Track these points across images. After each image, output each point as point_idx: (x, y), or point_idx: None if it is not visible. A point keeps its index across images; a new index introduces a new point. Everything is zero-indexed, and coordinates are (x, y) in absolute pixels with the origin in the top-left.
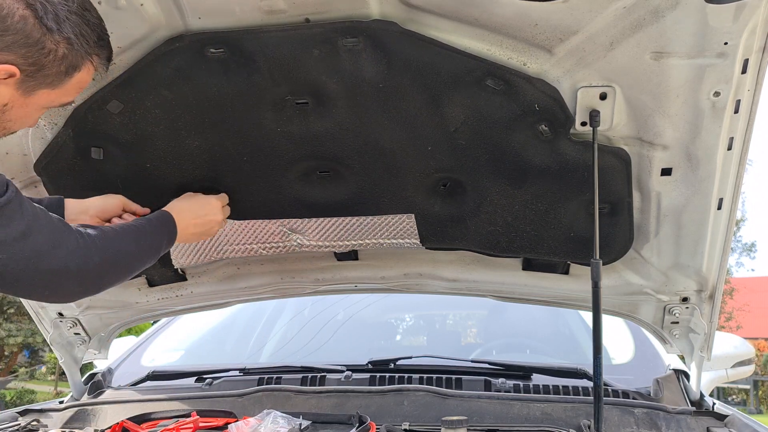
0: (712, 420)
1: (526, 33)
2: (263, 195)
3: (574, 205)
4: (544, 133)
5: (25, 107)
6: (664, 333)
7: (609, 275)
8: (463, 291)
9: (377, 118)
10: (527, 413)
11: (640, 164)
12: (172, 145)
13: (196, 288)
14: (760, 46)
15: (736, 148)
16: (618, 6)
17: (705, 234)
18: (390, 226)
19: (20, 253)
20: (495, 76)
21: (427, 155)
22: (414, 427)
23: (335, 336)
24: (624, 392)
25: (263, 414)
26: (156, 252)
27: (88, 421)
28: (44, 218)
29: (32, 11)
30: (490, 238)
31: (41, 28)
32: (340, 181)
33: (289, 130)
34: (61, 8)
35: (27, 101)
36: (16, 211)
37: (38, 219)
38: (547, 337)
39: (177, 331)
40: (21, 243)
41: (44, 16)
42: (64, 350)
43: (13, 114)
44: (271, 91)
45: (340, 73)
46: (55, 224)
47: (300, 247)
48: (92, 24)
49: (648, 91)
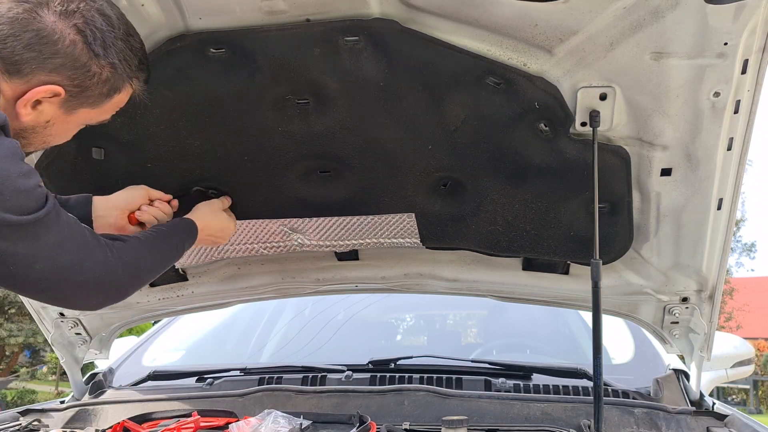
0: (712, 420)
1: (526, 33)
2: (264, 194)
3: (574, 205)
4: (544, 132)
5: (66, 124)
6: (664, 333)
7: (609, 275)
8: (464, 291)
9: (378, 117)
10: (527, 413)
11: (640, 164)
12: (173, 144)
13: (197, 288)
14: (759, 46)
15: (735, 149)
16: (618, 6)
17: (705, 234)
18: (390, 226)
19: (55, 263)
20: (495, 75)
21: (427, 154)
22: (414, 427)
23: (336, 336)
24: (624, 392)
25: (264, 414)
26: (175, 260)
27: (89, 421)
28: (77, 230)
29: (82, 37)
30: (491, 238)
31: (89, 53)
32: (340, 181)
33: (290, 130)
34: (109, 35)
35: (68, 119)
36: (53, 222)
37: (72, 230)
38: (547, 337)
39: (178, 331)
40: (56, 254)
41: (93, 42)
42: (65, 350)
43: (54, 130)
44: (272, 90)
45: (340, 72)
46: (86, 236)
47: (301, 247)
48: (135, 49)
49: (648, 91)
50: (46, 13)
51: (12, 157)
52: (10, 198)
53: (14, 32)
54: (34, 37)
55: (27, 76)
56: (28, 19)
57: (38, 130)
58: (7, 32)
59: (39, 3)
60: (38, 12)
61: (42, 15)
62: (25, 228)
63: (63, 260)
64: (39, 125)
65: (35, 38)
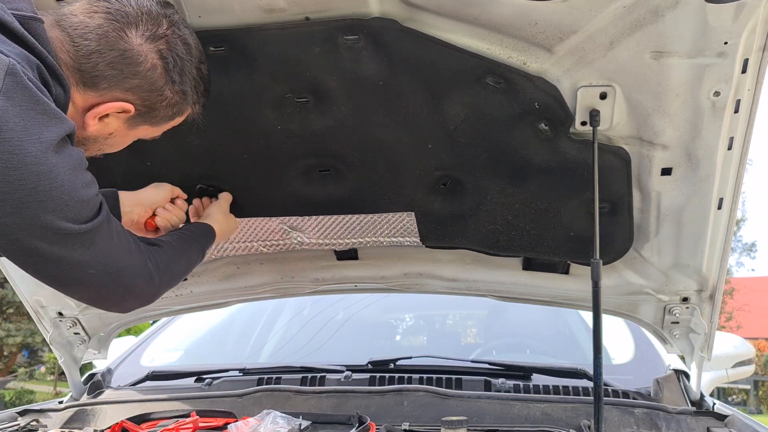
0: (713, 420)
1: (525, 32)
2: (263, 193)
3: (574, 204)
4: (544, 131)
5: (125, 137)
6: (664, 333)
7: (609, 275)
8: (463, 291)
9: (377, 116)
10: (527, 413)
11: (640, 164)
12: (173, 143)
13: (196, 287)
14: (760, 45)
15: (736, 148)
16: (618, 5)
17: (705, 234)
18: (390, 224)
19: (105, 269)
20: (495, 74)
21: (427, 153)
22: (414, 428)
23: (335, 336)
24: (624, 392)
25: (263, 414)
26: (198, 263)
27: (88, 421)
28: (124, 236)
29: (163, 62)
30: (490, 237)
31: (166, 78)
32: (340, 179)
33: (290, 128)
34: (187, 63)
35: (128, 133)
36: (105, 229)
37: (120, 237)
38: (547, 337)
39: (176, 331)
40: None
41: (172, 70)
42: (63, 350)
43: (112, 141)
44: (272, 89)
45: (340, 70)
46: (131, 243)
47: (300, 245)
48: (204, 77)
49: (648, 90)
50: (133, 35)
51: (79, 167)
52: (74, 208)
53: (100, 49)
54: (119, 56)
55: (102, 91)
56: (115, 38)
57: (99, 140)
58: (93, 48)
59: (128, 23)
60: (126, 32)
61: (130, 36)
62: (82, 236)
63: (113, 266)
64: (101, 136)
65: (119, 58)
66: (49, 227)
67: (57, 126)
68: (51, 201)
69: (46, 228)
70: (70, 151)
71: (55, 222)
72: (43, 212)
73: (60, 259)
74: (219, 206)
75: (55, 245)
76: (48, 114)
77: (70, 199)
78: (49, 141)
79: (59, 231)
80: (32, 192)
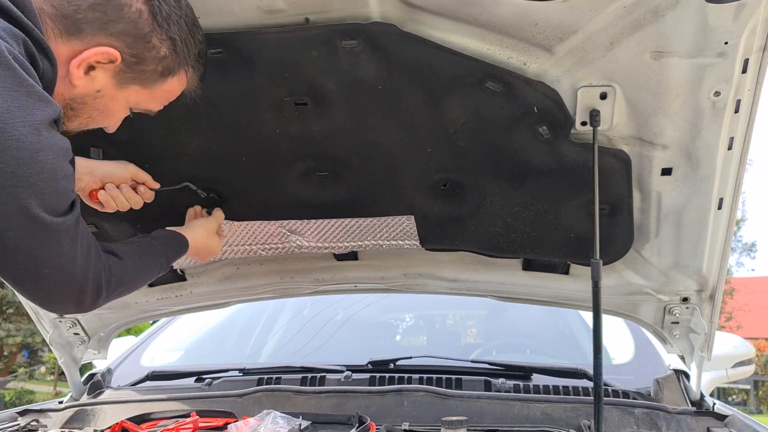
0: (713, 420)
1: (525, 32)
2: (262, 196)
3: (574, 206)
4: (543, 134)
5: (114, 100)
6: (664, 333)
7: (609, 275)
8: (463, 291)
9: (376, 119)
10: (527, 413)
11: (640, 164)
12: (170, 145)
13: (196, 288)
14: (760, 45)
15: (736, 148)
16: (618, 5)
17: (705, 234)
18: (389, 228)
19: (61, 272)
20: (495, 78)
21: (426, 156)
22: (414, 428)
23: (335, 336)
24: (624, 392)
25: (263, 414)
26: (159, 274)
27: (88, 422)
28: (87, 242)
29: (149, 6)
30: (490, 239)
31: (152, 24)
32: (339, 182)
33: (288, 131)
34: (175, 12)
35: (117, 93)
36: (73, 230)
37: (84, 242)
38: (547, 337)
39: (176, 332)
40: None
41: (158, 14)
42: (63, 350)
43: (100, 104)
44: (270, 92)
45: (339, 74)
46: (92, 250)
47: (299, 249)
48: (197, 39)
49: (648, 90)
50: None
51: (63, 156)
52: (50, 197)
53: None
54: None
55: (86, 37)
56: None
57: (87, 101)
58: None
59: None
60: None
61: None
62: (49, 230)
63: (68, 270)
64: (89, 95)
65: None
66: (23, 212)
67: (42, 109)
68: (29, 187)
69: (20, 213)
70: (56, 138)
71: (30, 208)
72: (19, 197)
73: (17, 249)
74: (206, 223)
75: (20, 237)
76: (33, 96)
77: (47, 187)
78: (34, 124)
79: (32, 219)
80: (11, 176)
